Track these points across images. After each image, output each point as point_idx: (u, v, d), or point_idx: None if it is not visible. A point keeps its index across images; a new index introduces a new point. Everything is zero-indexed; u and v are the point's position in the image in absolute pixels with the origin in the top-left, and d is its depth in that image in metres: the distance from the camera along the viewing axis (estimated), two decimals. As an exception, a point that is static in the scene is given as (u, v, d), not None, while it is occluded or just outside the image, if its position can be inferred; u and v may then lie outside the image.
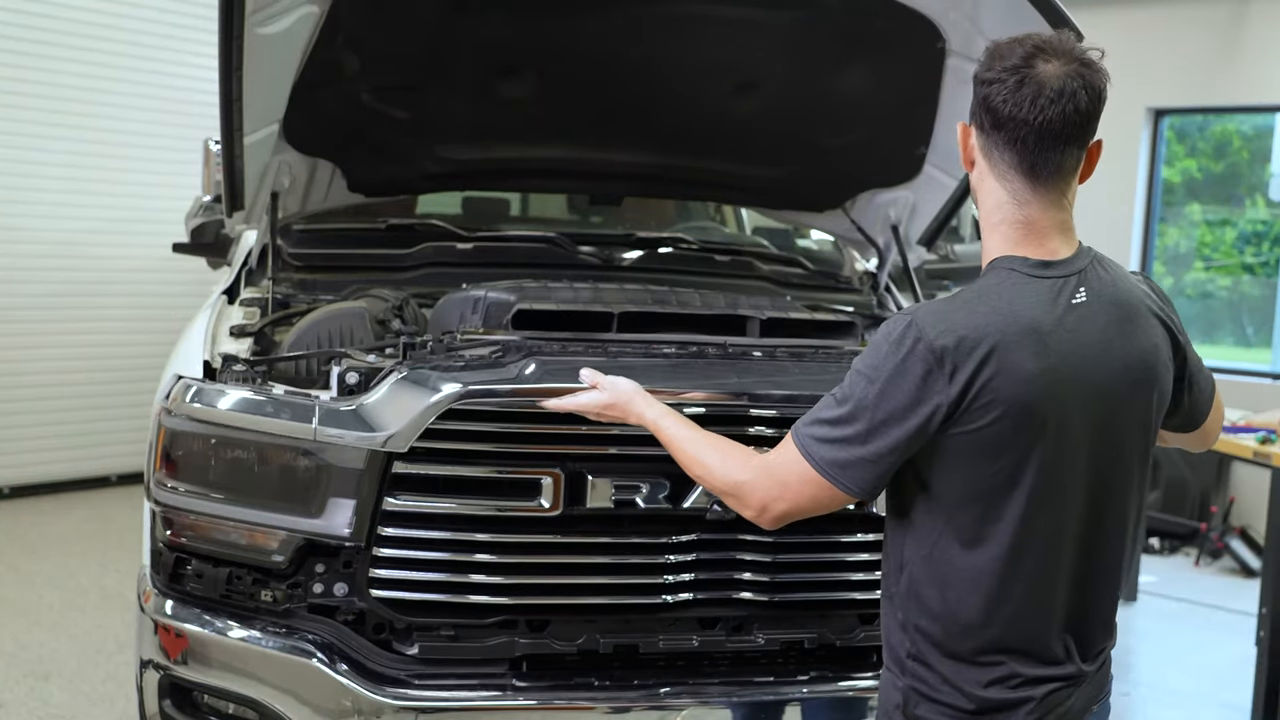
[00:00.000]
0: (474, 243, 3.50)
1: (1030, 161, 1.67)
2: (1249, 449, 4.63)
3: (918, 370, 1.61)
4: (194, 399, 2.37)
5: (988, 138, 1.70)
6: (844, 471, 1.68)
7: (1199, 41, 7.52)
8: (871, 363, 1.66)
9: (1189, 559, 6.76)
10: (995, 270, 1.70)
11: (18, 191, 6.59)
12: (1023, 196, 1.70)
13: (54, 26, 6.60)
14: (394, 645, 2.39)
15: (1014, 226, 1.71)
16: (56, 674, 4.31)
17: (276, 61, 2.79)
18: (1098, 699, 1.84)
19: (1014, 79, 1.65)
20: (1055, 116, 1.64)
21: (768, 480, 1.75)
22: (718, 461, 1.85)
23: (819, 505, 1.74)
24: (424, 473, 2.29)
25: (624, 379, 2.13)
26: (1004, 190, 1.71)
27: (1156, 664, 5.09)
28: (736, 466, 1.82)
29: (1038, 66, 1.64)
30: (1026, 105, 1.64)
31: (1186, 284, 8.25)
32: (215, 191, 4.20)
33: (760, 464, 1.79)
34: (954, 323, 1.62)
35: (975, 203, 1.79)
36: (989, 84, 1.67)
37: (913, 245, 3.63)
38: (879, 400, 1.64)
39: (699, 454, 1.88)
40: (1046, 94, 1.63)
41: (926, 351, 1.61)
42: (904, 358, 1.62)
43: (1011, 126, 1.66)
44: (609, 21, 3.09)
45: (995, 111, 1.67)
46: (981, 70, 1.69)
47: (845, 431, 1.67)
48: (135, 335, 7.04)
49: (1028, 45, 1.68)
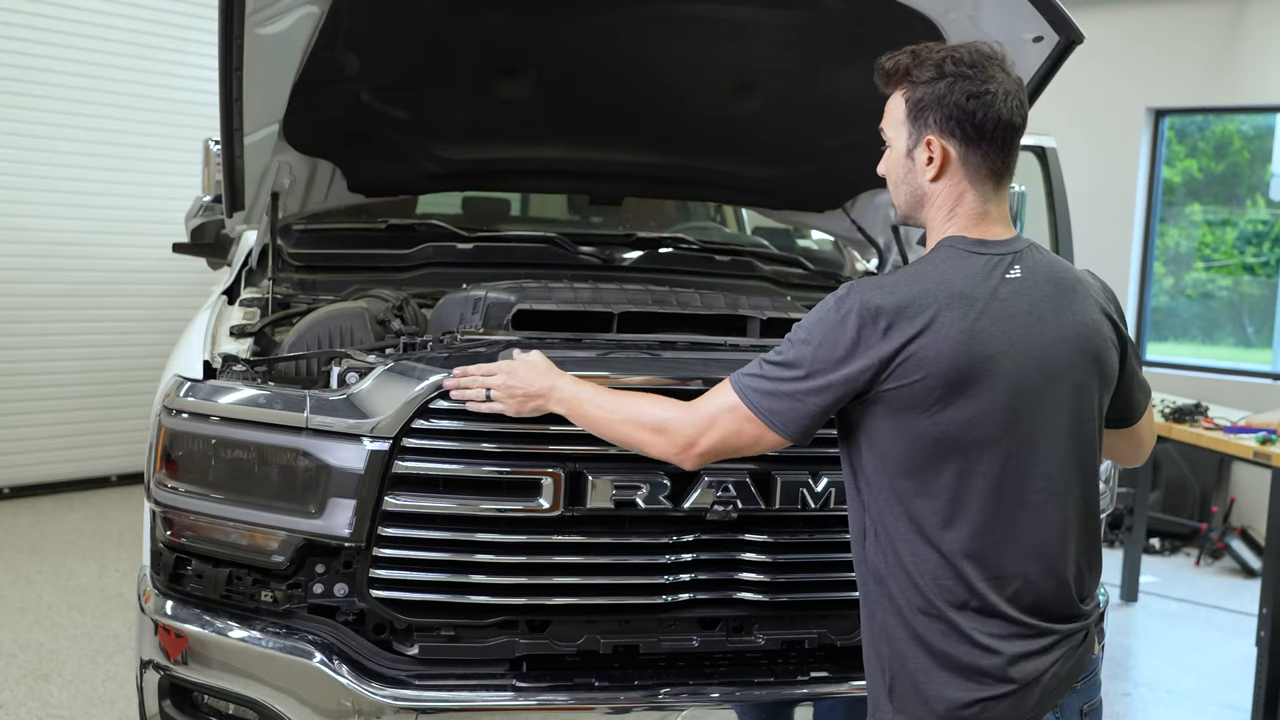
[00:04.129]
0: (474, 243, 3.50)
1: (1004, 163, 1.87)
2: (1249, 449, 4.63)
3: (853, 325, 1.77)
4: (189, 394, 2.37)
5: (968, 147, 1.85)
6: (774, 411, 1.83)
7: (1199, 41, 7.52)
8: (813, 320, 1.83)
9: (1189, 559, 6.76)
10: (938, 249, 1.87)
11: (18, 192, 6.59)
12: (988, 194, 1.87)
13: (54, 27, 6.60)
14: (394, 645, 2.39)
15: (969, 219, 1.87)
16: (56, 674, 4.31)
17: (276, 61, 2.79)
18: (1080, 676, 1.88)
19: (995, 89, 1.83)
20: (1021, 121, 1.86)
21: (694, 417, 1.91)
22: (642, 408, 1.99)
23: (744, 443, 1.89)
24: (424, 472, 2.29)
25: (533, 354, 2.24)
26: (974, 192, 1.87)
27: (1156, 664, 5.09)
28: (661, 408, 1.98)
29: (999, 76, 1.84)
30: (1006, 113, 1.83)
31: (1187, 284, 8.25)
32: (215, 191, 4.19)
33: (687, 405, 1.94)
34: (891, 289, 1.79)
35: (925, 206, 1.91)
36: (977, 98, 1.82)
37: (913, 245, 3.63)
38: (816, 351, 1.80)
39: (622, 408, 2.02)
40: (1014, 101, 1.84)
41: (863, 309, 1.77)
42: (843, 316, 1.78)
43: (995, 132, 1.84)
44: (609, 21, 3.09)
45: (983, 123, 1.83)
46: (959, 86, 1.83)
47: (781, 374, 1.83)
48: (135, 335, 7.04)
49: (984, 53, 1.85)
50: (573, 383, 2.11)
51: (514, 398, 2.17)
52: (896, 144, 1.92)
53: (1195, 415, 5.23)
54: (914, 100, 1.87)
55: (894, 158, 1.93)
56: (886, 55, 1.93)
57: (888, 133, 1.94)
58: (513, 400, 2.18)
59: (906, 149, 1.90)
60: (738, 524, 2.42)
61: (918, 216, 1.94)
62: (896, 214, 2.02)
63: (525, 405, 2.16)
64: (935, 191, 1.89)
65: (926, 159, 1.87)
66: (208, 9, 6.76)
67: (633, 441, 2.01)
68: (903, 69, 1.89)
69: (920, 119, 1.86)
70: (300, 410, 2.30)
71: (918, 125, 1.87)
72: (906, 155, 1.90)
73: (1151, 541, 6.73)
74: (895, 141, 1.92)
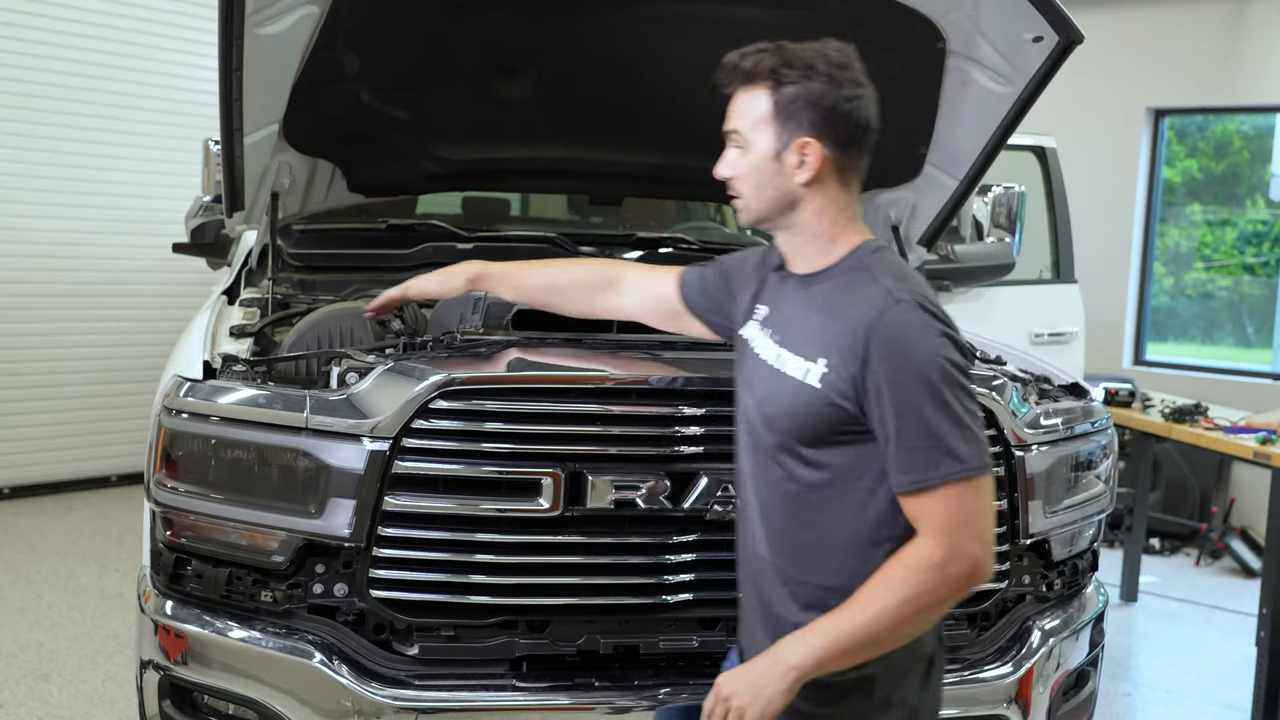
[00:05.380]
0: (474, 243, 3.50)
1: (866, 167, 1.89)
2: (1249, 449, 4.64)
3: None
4: (189, 394, 2.38)
5: (844, 152, 1.84)
6: (989, 452, 1.76)
7: (1199, 41, 7.52)
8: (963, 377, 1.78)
9: (1189, 559, 6.76)
10: (885, 251, 1.88)
11: (18, 192, 6.59)
12: (856, 194, 1.90)
13: (54, 27, 6.60)
14: (394, 645, 2.39)
15: (855, 220, 1.90)
16: (56, 674, 4.31)
17: (276, 61, 2.79)
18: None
19: (866, 92, 1.84)
20: (878, 126, 1.88)
21: (959, 535, 1.71)
22: (887, 576, 1.74)
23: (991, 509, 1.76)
24: (424, 472, 2.29)
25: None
26: (846, 195, 1.88)
27: (1156, 664, 5.09)
28: (900, 560, 1.75)
29: (863, 79, 1.85)
30: (875, 117, 1.86)
31: (1187, 284, 8.25)
32: (215, 191, 4.19)
33: (936, 533, 1.72)
34: (940, 305, 1.82)
35: (796, 209, 1.88)
36: (852, 101, 1.82)
37: (913, 245, 3.63)
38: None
39: (868, 600, 1.74)
40: (875, 106, 1.86)
41: (956, 333, 1.80)
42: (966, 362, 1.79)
43: (867, 137, 1.86)
44: (609, 21, 3.09)
45: (857, 126, 1.83)
46: (835, 88, 1.81)
47: (975, 423, 1.75)
48: (135, 335, 7.04)
49: (848, 54, 1.86)
50: (790, 645, 1.77)
51: None
52: (758, 145, 1.86)
53: (1195, 415, 5.23)
54: (784, 99, 1.82)
55: (754, 159, 1.87)
56: (739, 53, 1.88)
57: (744, 134, 1.87)
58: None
59: (774, 151, 1.84)
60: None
61: (782, 220, 1.90)
62: (746, 217, 1.95)
63: (771, 706, 1.76)
64: (808, 195, 1.85)
65: (798, 161, 1.83)
66: (208, 9, 6.75)
67: (927, 603, 1.74)
68: (768, 68, 1.84)
69: (792, 119, 1.82)
70: (300, 410, 2.30)
71: (788, 126, 1.82)
72: (773, 157, 1.84)
73: (1151, 541, 6.72)
74: (757, 143, 1.86)
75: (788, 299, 1.95)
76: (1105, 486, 2.87)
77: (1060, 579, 2.78)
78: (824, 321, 1.82)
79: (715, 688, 1.82)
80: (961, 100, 3.09)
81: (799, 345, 1.86)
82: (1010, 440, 2.54)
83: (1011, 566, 2.63)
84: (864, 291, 1.79)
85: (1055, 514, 2.67)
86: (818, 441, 1.82)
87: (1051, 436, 2.65)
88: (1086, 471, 2.80)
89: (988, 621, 2.65)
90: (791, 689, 1.74)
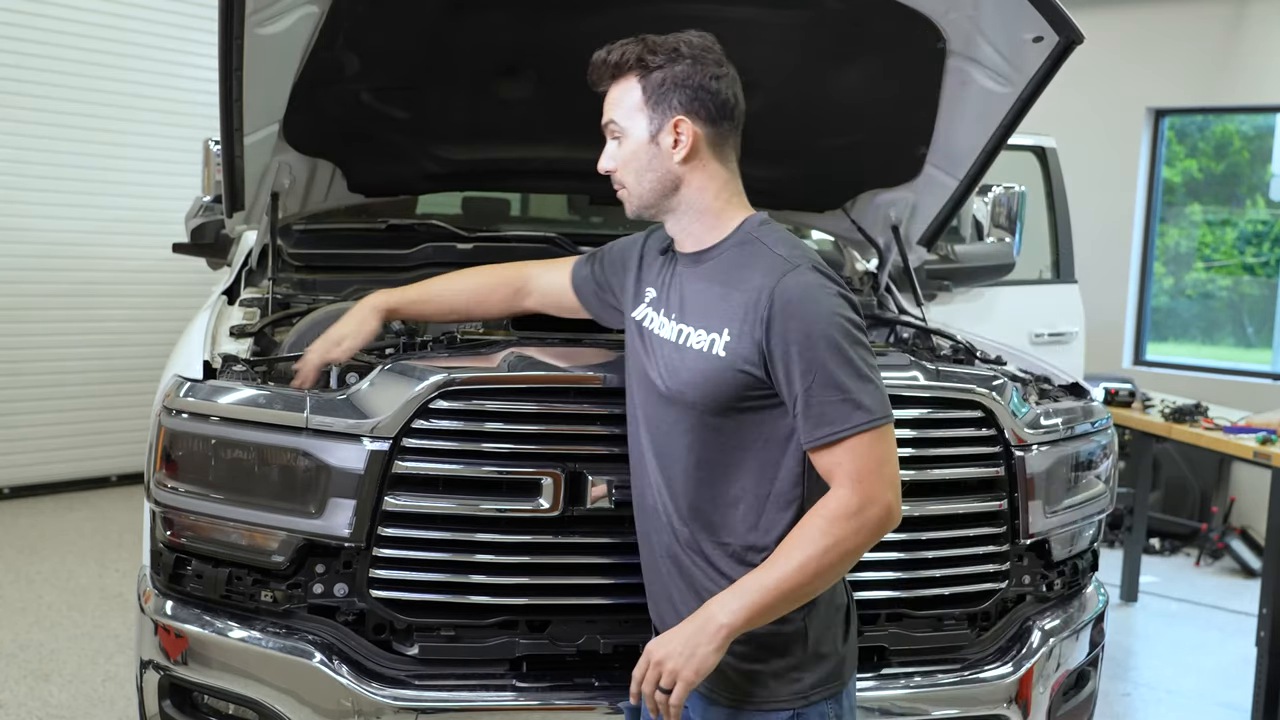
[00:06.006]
0: (474, 243, 3.49)
1: (739, 138, 1.99)
2: (1249, 449, 4.64)
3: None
4: (189, 394, 2.38)
5: (716, 127, 1.94)
6: (889, 403, 1.84)
7: (1199, 41, 7.52)
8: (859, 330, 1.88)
9: (1189, 559, 6.77)
10: (770, 224, 1.97)
11: (18, 192, 6.60)
12: (735, 170, 1.99)
13: (54, 27, 6.60)
14: (394, 646, 2.39)
15: (738, 195, 1.99)
16: (56, 674, 4.31)
17: (276, 61, 2.79)
18: None
19: (729, 72, 1.95)
20: (743, 105, 1.98)
21: (871, 481, 1.81)
22: (810, 524, 1.82)
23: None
24: (424, 473, 2.29)
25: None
26: (726, 170, 1.97)
27: (1156, 664, 5.09)
28: (822, 505, 1.83)
29: (724, 60, 1.95)
30: (740, 96, 1.96)
31: (1187, 284, 8.25)
32: (215, 191, 4.19)
33: (850, 482, 1.80)
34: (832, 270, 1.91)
35: (680, 189, 1.96)
36: (718, 79, 1.92)
37: (913, 245, 3.63)
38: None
39: (798, 542, 1.81)
40: (738, 86, 1.96)
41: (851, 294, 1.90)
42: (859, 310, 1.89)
43: (735, 113, 1.96)
44: (610, 21, 3.07)
45: (725, 102, 1.93)
46: (700, 68, 1.92)
47: (875, 375, 1.84)
48: (135, 335, 7.05)
49: (707, 38, 1.97)
50: (718, 603, 1.83)
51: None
52: (634, 132, 1.94)
53: (1195, 415, 5.23)
54: (653, 84, 1.91)
55: (632, 146, 1.95)
56: (605, 49, 1.97)
57: (620, 123, 1.96)
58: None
59: (649, 134, 1.93)
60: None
61: (668, 203, 1.97)
62: (632, 206, 2.02)
63: (705, 664, 1.81)
64: (688, 173, 1.93)
65: (673, 141, 1.91)
66: (208, 9, 6.76)
67: (847, 549, 1.81)
68: (633, 57, 1.93)
69: (663, 102, 1.91)
70: (300, 410, 2.30)
71: (660, 109, 1.91)
72: (650, 140, 1.93)
73: (1151, 541, 6.73)
74: (632, 130, 1.94)
75: (681, 277, 2.02)
76: (1105, 486, 2.87)
77: (1060, 579, 2.78)
78: (723, 293, 1.90)
79: (645, 654, 1.86)
80: (961, 100, 3.09)
81: (700, 319, 1.93)
82: (1010, 440, 2.54)
83: (1011, 566, 2.63)
84: (760, 261, 1.88)
85: (1055, 514, 2.67)
86: (726, 409, 1.89)
87: (1051, 436, 2.65)
88: (1086, 471, 2.80)
89: (988, 621, 2.65)
90: (722, 646, 1.80)
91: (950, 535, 2.52)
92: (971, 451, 2.53)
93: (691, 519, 1.96)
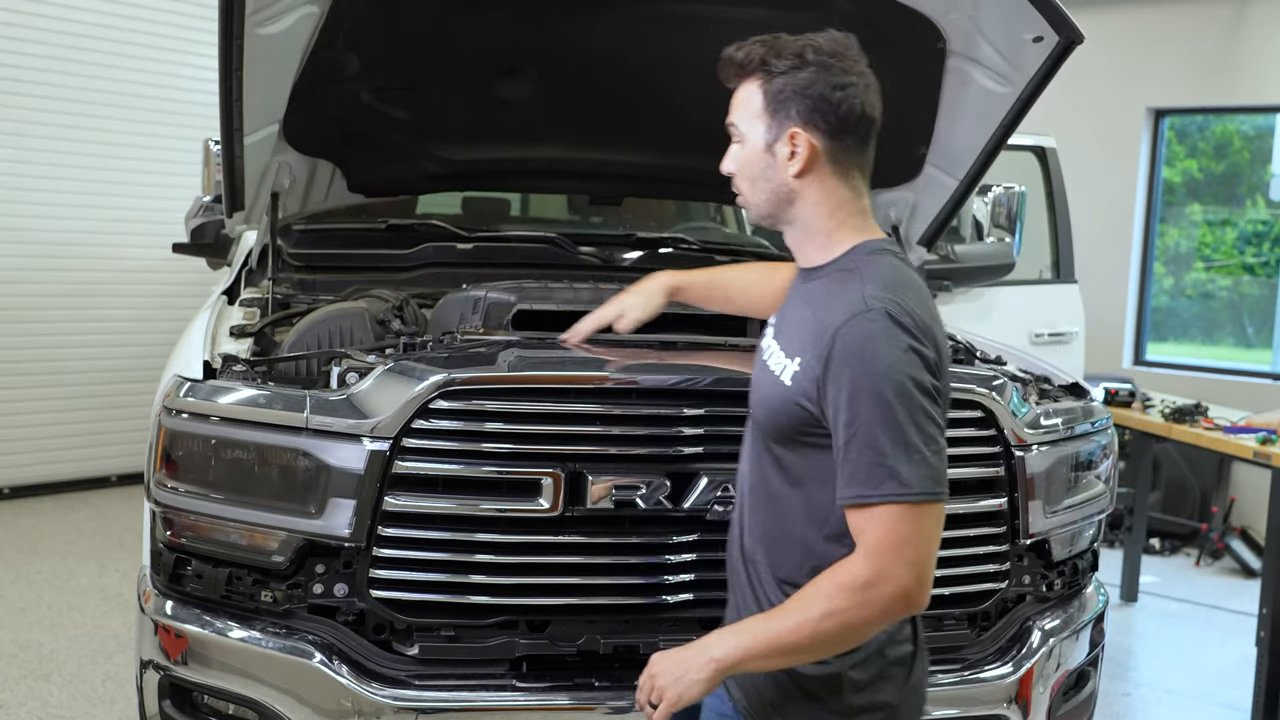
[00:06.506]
0: (474, 243, 3.50)
1: (866, 157, 1.86)
2: (1249, 449, 4.64)
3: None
4: (189, 394, 2.38)
5: (837, 141, 1.81)
6: (942, 481, 1.69)
7: (1199, 41, 7.52)
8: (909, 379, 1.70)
9: (1189, 559, 6.76)
10: (883, 254, 1.82)
11: (18, 192, 6.60)
12: (860, 189, 1.86)
13: (54, 27, 6.60)
14: (394, 646, 2.39)
15: (858, 217, 1.85)
16: (56, 674, 4.31)
17: (276, 61, 2.79)
18: None
19: (863, 82, 1.81)
20: (878, 115, 1.85)
21: (889, 558, 1.65)
22: (810, 592, 1.71)
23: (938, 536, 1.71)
24: (424, 473, 2.29)
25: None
26: (846, 188, 1.84)
27: (1156, 664, 5.09)
28: (830, 574, 1.71)
29: (859, 68, 1.82)
30: (869, 106, 1.82)
31: (1187, 284, 8.25)
32: (215, 191, 4.19)
33: (866, 552, 1.67)
34: (923, 318, 1.74)
35: (794, 203, 1.84)
36: (843, 89, 1.78)
37: (913, 245, 3.63)
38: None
39: (795, 607, 1.72)
40: (874, 94, 1.83)
41: (931, 351, 1.73)
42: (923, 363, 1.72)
43: (861, 126, 1.81)
44: (610, 21, 3.09)
45: (848, 115, 1.79)
46: (823, 76, 1.78)
47: (929, 447, 1.68)
48: (135, 335, 7.04)
49: (854, 48, 1.83)
50: (717, 636, 1.78)
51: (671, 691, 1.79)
52: (752, 138, 1.84)
53: (1195, 415, 5.23)
54: (774, 90, 1.80)
55: (749, 153, 1.85)
56: (735, 45, 1.85)
57: (740, 127, 1.86)
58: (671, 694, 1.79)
59: (765, 143, 1.82)
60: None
61: (784, 215, 1.87)
62: (750, 214, 1.93)
63: (689, 691, 1.77)
64: (802, 187, 1.83)
65: (789, 153, 1.81)
66: (208, 9, 6.76)
67: (848, 620, 1.68)
68: (757, 59, 1.82)
69: (781, 110, 1.80)
70: (300, 410, 2.30)
71: (778, 117, 1.80)
72: (765, 149, 1.83)
73: (1151, 541, 6.73)
74: (751, 135, 1.84)
75: (793, 292, 1.94)
76: (1105, 486, 2.87)
77: (1060, 579, 2.78)
78: (808, 319, 1.80)
79: (649, 663, 1.84)
80: (961, 100, 3.09)
81: (785, 341, 1.86)
82: (1010, 440, 2.54)
83: (1012, 566, 2.63)
84: (846, 294, 1.75)
85: (1055, 514, 2.67)
86: (785, 441, 1.82)
87: (1051, 436, 2.65)
88: (1086, 471, 2.80)
89: (988, 621, 2.65)
90: (712, 679, 1.74)
91: (950, 535, 2.52)
92: (971, 451, 2.53)
93: (753, 537, 1.91)
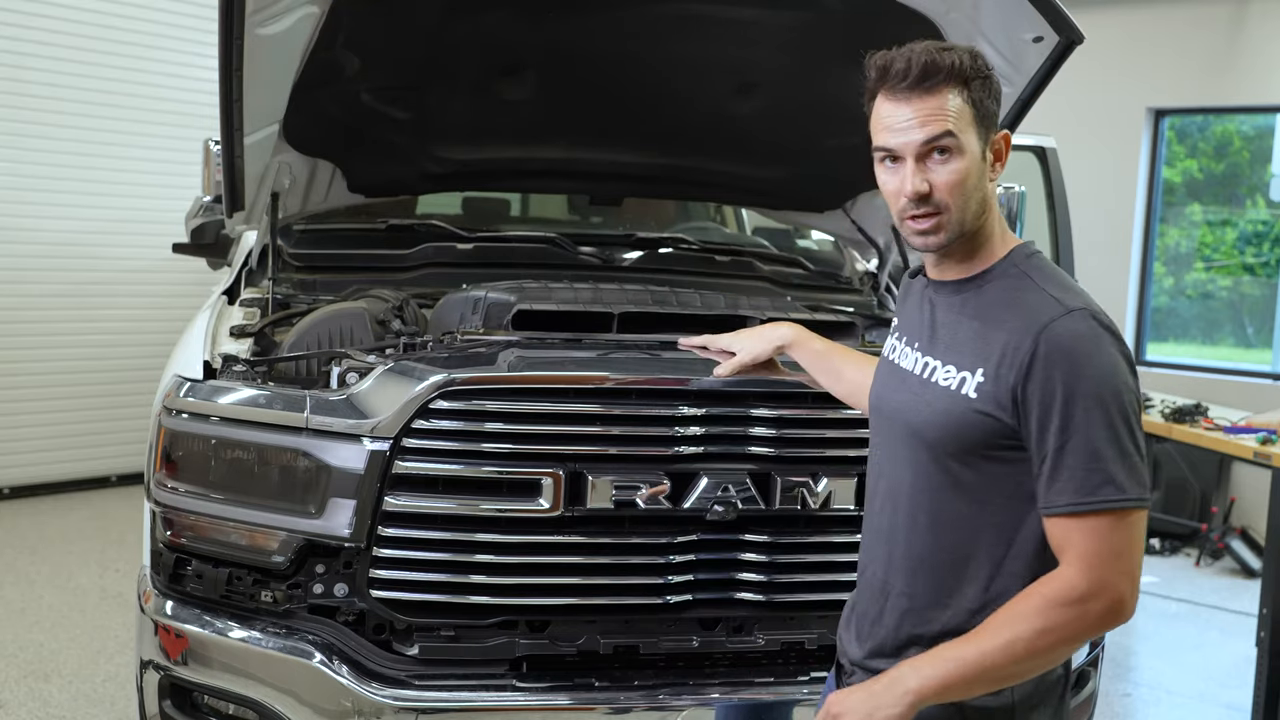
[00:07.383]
0: (474, 243, 3.50)
1: None
2: (1249, 449, 4.63)
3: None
4: (189, 394, 2.38)
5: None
6: (1149, 486, 1.64)
7: (1199, 41, 7.52)
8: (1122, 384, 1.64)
9: (1190, 559, 6.76)
10: (1037, 255, 1.77)
11: (18, 192, 6.59)
12: None
13: (54, 27, 6.60)
14: (394, 645, 2.39)
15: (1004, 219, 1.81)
16: (56, 674, 4.31)
17: (276, 62, 2.79)
18: None
19: None
20: None
21: (1106, 569, 1.59)
22: (1018, 608, 1.63)
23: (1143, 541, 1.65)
24: (424, 473, 2.29)
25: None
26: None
27: (1156, 664, 5.09)
28: (1039, 590, 1.63)
29: None
30: None
31: (1187, 284, 8.25)
32: (215, 191, 4.19)
33: (1081, 564, 1.60)
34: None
35: (984, 212, 1.74)
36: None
37: (913, 246, 3.63)
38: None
39: (999, 626, 1.63)
40: None
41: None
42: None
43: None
44: (609, 21, 3.09)
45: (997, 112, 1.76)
46: (989, 73, 1.73)
47: (1139, 452, 1.63)
48: (135, 335, 7.04)
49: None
50: (910, 666, 1.67)
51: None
52: (971, 148, 1.69)
53: (1195, 415, 5.23)
54: (980, 99, 1.70)
55: (971, 163, 1.70)
56: (940, 48, 1.71)
57: (960, 138, 1.68)
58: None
59: (981, 150, 1.71)
60: (737, 524, 2.42)
61: (980, 226, 1.74)
62: (952, 233, 1.73)
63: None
64: (991, 193, 1.74)
65: (995, 160, 1.74)
66: (208, 9, 6.75)
67: (1062, 637, 1.61)
68: (967, 66, 1.69)
69: (990, 114, 1.71)
70: (300, 410, 2.30)
71: (988, 121, 1.71)
72: (982, 158, 1.71)
73: (1152, 542, 6.73)
74: (970, 146, 1.69)
75: (935, 306, 1.82)
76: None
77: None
78: (980, 329, 1.71)
79: (825, 705, 1.72)
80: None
81: (950, 354, 1.74)
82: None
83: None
84: (1027, 299, 1.67)
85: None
86: (969, 455, 1.70)
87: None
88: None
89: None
90: (907, 714, 1.63)
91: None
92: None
93: (908, 560, 1.79)
